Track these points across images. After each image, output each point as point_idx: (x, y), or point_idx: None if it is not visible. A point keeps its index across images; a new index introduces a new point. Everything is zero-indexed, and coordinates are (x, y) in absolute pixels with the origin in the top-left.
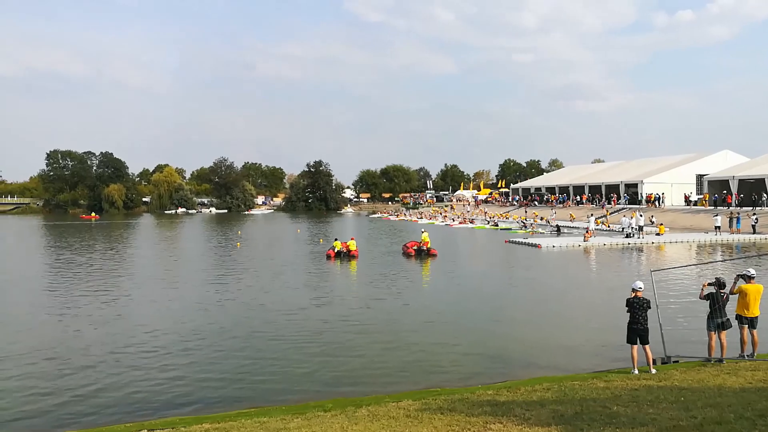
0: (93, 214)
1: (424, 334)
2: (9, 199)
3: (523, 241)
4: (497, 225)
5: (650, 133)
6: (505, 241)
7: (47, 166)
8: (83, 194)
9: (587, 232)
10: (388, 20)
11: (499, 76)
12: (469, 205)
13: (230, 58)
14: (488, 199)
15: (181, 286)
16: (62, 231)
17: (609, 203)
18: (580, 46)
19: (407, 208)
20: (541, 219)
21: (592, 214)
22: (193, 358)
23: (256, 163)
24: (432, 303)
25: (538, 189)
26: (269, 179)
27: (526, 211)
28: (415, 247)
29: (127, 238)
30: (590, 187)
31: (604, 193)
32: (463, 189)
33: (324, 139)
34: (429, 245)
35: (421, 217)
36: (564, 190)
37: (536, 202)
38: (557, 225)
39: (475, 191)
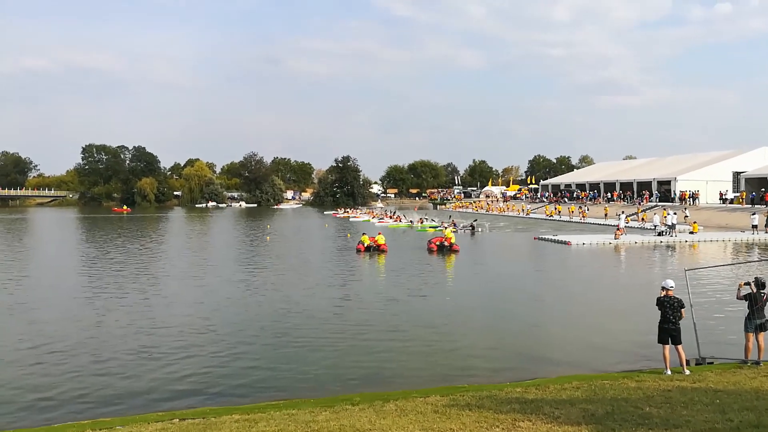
0: (124, 207)
1: (450, 331)
2: (47, 192)
3: (553, 238)
4: (412, 223)
5: (685, 129)
6: (534, 238)
7: (83, 160)
8: (116, 187)
9: (618, 229)
10: (418, 15)
11: (530, 71)
12: (497, 200)
13: (260, 55)
14: (517, 195)
15: (211, 278)
16: (95, 223)
17: (641, 200)
18: (614, 39)
19: (434, 204)
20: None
21: (623, 212)
22: (222, 350)
23: (285, 158)
24: (459, 299)
25: (568, 185)
26: (298, 174)
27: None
28: (438, 243)
29: (158, 231)
30: (621, 183)
31: (635, 190)
32: (492, 185)
33: (352, 134)
34: (452, 241)
35: (368, 216)
36: (594, 186)
37: (566, 199)
38: (471, 224)
39: (504, 187)
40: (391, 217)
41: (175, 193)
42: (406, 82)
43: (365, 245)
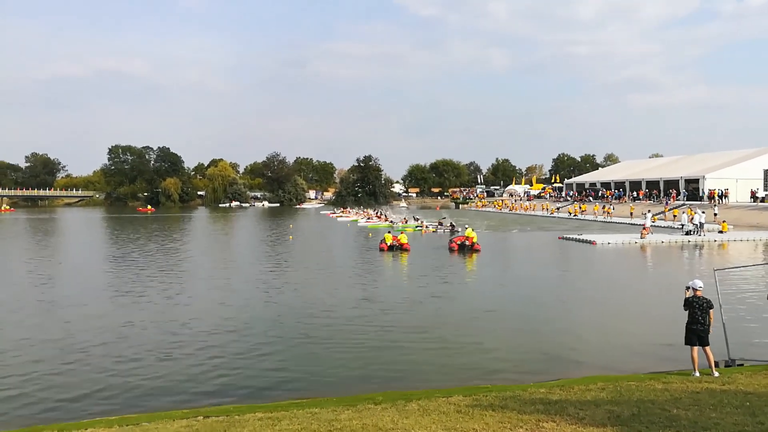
0: (149, 207)
1: (473, 331)
2: (74, 192)
3: (578, 237)
4: (392, 223)
5: (714, 128)
6: (559, 238)
7: (109, 161)
8: (142, 187)
9: (644, 228)
10: (444, 16)
11: (554, 71)
12: (520, 199)
13: (286, 58)
14: (541, 194)
15: (234, 278)
16: (120, 223)
17: (668, 199)
18: (639, 37)
19: (456, 204)
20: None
21: (649, 210)
22: (246, 349)
23: (307, 158)
24: (481, 299)
25: (592, 184)
26: (320, 174)
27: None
28: (459, 242)
29: (182, 231)
30: (648, 182)
31: (662, 188)
32: (515, 184)
33: (375, 135)
34: (474, 240)
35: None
36: (620, 185)
37: (591, 198)
38: (451, 223)
39: (528, 186)
40: (378, 218)
41: (199, 193)
42: (432, 83)
43: (388, 244)
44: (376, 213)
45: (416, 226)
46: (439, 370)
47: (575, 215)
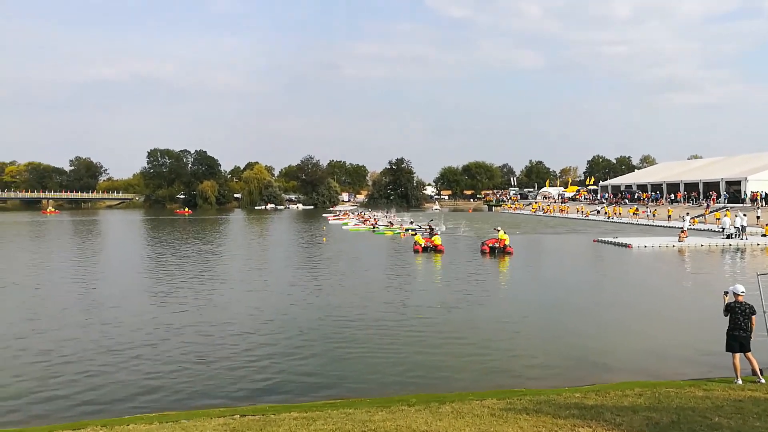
0: (186, 209)
1: (506, 334)
2: (115, 195)
3: (613, 240)
4: (373, 227)
5: (755, 128)
6: (593, 241)
7: (148, 164)
8: (179, 190)
9: (682, 231)
10: (474, 16)
11: (589, 71)
12: (554, 202)
13: (317, 60)
14: (575, 197)
15: (269, 279)
16: (159, 225)
17: (708, 202)
18: (677, 35)
19: (489, 206)
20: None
21: (687, 213)
22: (281, 350)
23: (340, 161)
24: (514, 303)
25: (628, 186)
26: (353, 176)
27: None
28: (491, 245)
29: (219, 233)
30: (686, 184)
31: (701, 190)
32: (549, 186)
33: (407, 136)
34: (506, 243)
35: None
36: (657, 187)
37: (626, 200)
38: (429, 227)
39: (562, 188)
40: (365, 222)
41: (235, 195)
42: (462, 84)
43: (422, 246)
44: (366, 216)
45: (396, 231)
46: (472, 373)
47: (610, 218)
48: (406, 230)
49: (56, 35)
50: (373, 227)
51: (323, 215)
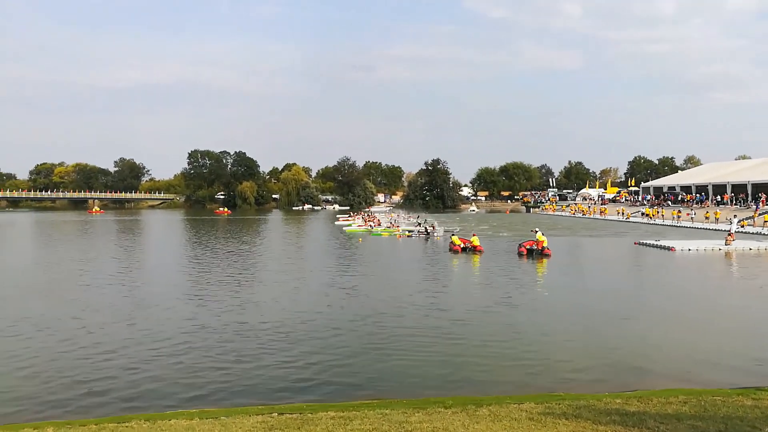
0: (225, 209)
1: (544, 337)
2: (157, 195)
3: (655, 243)
4: (371, 227)
5: None
6: (635, 243)
7: (188, 165)
8: (219, 191)
9: (729, 234)
10: (513, 17)
11: (630, 70)
12: (594, 203)
13: (354, 63)
14: (616, 198)
15: (307, 276)
16: (199, 225)
17: (757, 204)
18: (725, 32)
19: (527, 208)
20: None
21: (735, 215)
22: (317, 348)
23: (376, 162)
24: (552, 306)
25: (671, 188)
26: (388, 177)
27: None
28: (528, 247)
29: (257, 233)
30: (733, 185)
31: (750, 192)
32: (589, 187)
33: (443, 137)
34: (544, 245)
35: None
36: (702, 189)
37: (670, 202)
38: (426, 228)
39: (602, 189)
40: (367, 221)
41: (274, 196)
42: (500, 84)
43: (460, 246)
44: (366, 217)
45: (393, 232)
46: (509, 376)
47: (652, 219)
48: (411, 232)
49: (101, 41)
50: (371, 228)
51: (337, 216)
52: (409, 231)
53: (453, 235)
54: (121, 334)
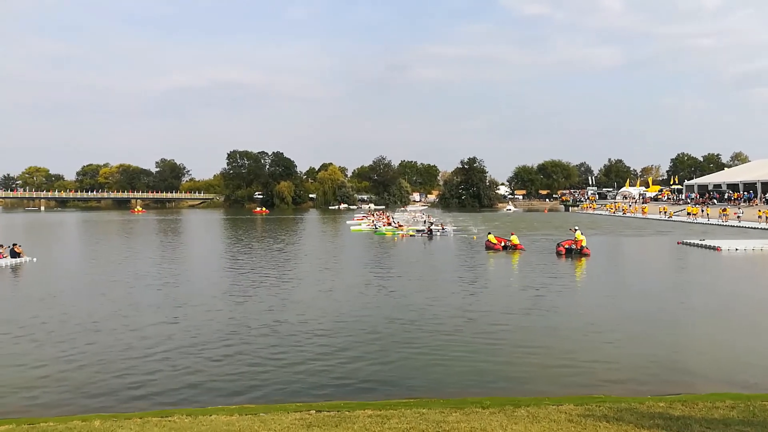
0: (263, 209)
1: (584, 337)
2: (197, 195)
3: (699, 242)
4: (375, 226)
5: None
6: (678, 243)
7: (227, 165)
8: (257, 190)
9: None
10: (549, 14)
11: (673, 66)
12: (635, 202)
13: (387, 63)
14: (658, 197)
15: (344, 274)
16: (238, 224)
17: None
18: None
19: (566, 207)
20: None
21: None
22: (355, 347)
23: (411, 161)
24: (591, 306)
25: (717, 186)
26: (424, 176)
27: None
28: (567, 246)
29: (295, 232)
30: None
31: None
32: (629, 186)
33: (479, 136)
34: (583, 244)
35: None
36: (750, 186)
37: (715, 200)
38: (430, 228)
39: (643, 188)
40: (381, 220)
41: (310, 195)
42: (536, 82)
43: (501, 244)
44: (376, 216)
45: (395, 232)
46: (548, 377)
47: (696, 218)
48: (415, 231)
49: (141, 46)
50: (375, 227)
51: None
52: (413, 231)
53: (489, 233)
54: (164, 331)
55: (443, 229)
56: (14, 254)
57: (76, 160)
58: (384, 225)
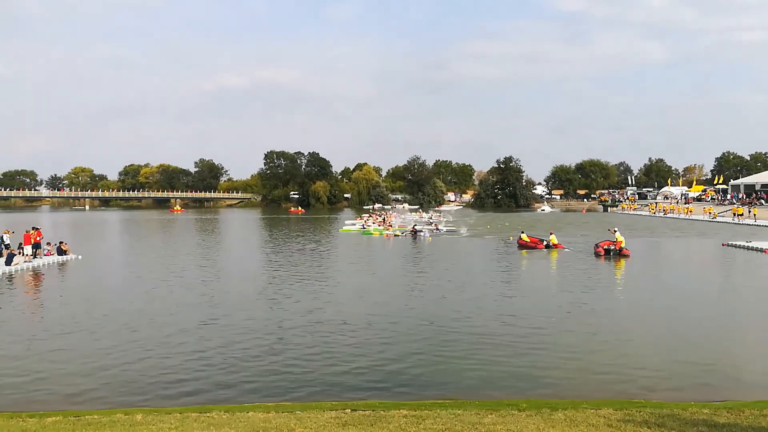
0: (299, 208)
1: (624, 340)
2: (235, 195)
3: (746, 244)
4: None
5: None
6: (723, 245)
7: (265, 165)
8: (294, 190)
9: None
10: (593, 9)
11: (718, 60)
12: (677, 202)
13: (429, 61)
14: (702, 197)
15: (379, 275)
16: (274, 223)
17: None
18: None
19: (604, 207)
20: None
21: None
22: (389, 347)
23: (446, 161)
24: (632, 309)
25: (765, 185)
26: (459, 176)
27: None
28: (606, 247)
29: (329, 231)
30: None
31: None
32: (671, 185)
33: (514, 134)
34: (622, 245)
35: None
36: None
37: (763, 201)
38: (414, 229)
39: (686, 188)
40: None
41: (345, 195)
42: (577, 80)
43: (545, 243)
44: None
45: (381, 231)
46: (586, 381)
47: (743, 220)
48: (401, 232)
49: (182, 48)
50: (363, 227)
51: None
52: (398, 232)
53: (522, 232)
54: (202, 329)
55: (437, 228)
56: (61, 252)
57: (119, 160)
58: (378, 225)
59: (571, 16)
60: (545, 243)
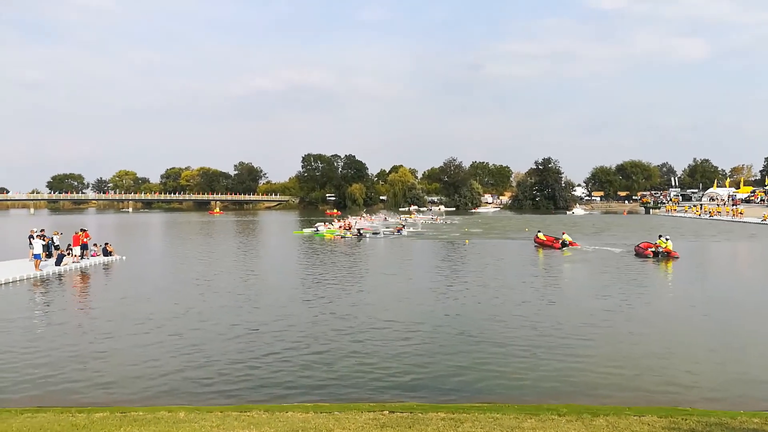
0: (335, 210)
1: (670, 346)
2: (273, 197)
3: None
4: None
5: None
6: None
7: (302, 168)
8: (330, 192)
9: None
10: (627, 6)
11: (763, 57)
12: (724, 204)
13: (461, 62)
14: (750, 198)
15: (416, 278)
16: (312, 226)
17: None
18: None
19: (646, 209)
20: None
21: None
22: (427, 349)
23: (483, 162)
24: (679, 312)
25: None
26: (496, 177)
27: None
28: (652, 249)
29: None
30: None
31: None
32: (717, 187)
33: (553, 136)
34: (669, 248)
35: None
36: None
37: None
38: (358, 230)
39: (733, 189)
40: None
41: (381, 197)
42: (613, 79)
43: (561, 242)
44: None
45: (335, 232)
46: (628, 387)
47: None
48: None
49: (224, 51)
50: (317, 230)
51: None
52: (342, 233)
53: (539, 231)
54: (243, 331)
55: (399, 231)
56: (106, 253)
57: (161, 163)
58: (338, 228)
59: (605, 14)
60: (561, 242)
